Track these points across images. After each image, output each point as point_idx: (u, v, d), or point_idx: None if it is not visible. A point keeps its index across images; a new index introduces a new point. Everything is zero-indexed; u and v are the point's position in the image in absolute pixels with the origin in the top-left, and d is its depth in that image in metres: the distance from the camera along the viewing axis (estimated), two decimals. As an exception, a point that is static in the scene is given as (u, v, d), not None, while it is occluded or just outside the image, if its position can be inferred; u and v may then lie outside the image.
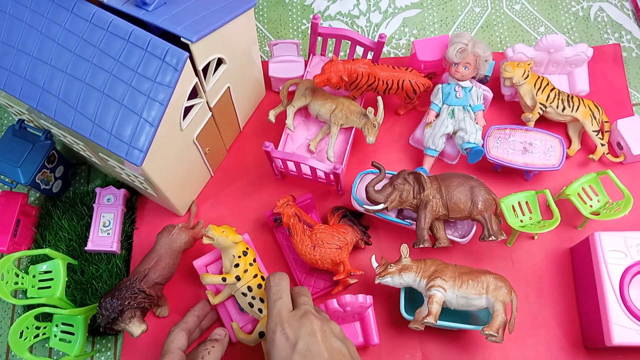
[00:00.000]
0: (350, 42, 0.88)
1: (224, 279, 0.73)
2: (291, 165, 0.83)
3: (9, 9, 0.67)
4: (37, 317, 0.76)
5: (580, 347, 0.78)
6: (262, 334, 0.72)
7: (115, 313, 0.70)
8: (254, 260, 0.76)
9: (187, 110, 0.71)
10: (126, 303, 0.71)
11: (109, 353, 0.81)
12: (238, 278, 0.73)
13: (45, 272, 0.81)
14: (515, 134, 0.84)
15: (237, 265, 0.73)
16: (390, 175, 0.79)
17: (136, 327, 0.71)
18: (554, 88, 0.85)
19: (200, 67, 0.68)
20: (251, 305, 0.74)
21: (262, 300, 0.74)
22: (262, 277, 0.76)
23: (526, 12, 1.02)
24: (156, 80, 0.62)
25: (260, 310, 0.74)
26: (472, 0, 1.03)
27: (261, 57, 0.93)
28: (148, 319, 0.81)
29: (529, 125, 0.86)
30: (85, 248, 0.83)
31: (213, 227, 0.73)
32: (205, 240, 0.73)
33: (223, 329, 0.68)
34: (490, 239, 0.74)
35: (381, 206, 0.76)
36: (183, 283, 0.83)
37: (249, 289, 0.73)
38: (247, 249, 0.76)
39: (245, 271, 0.74)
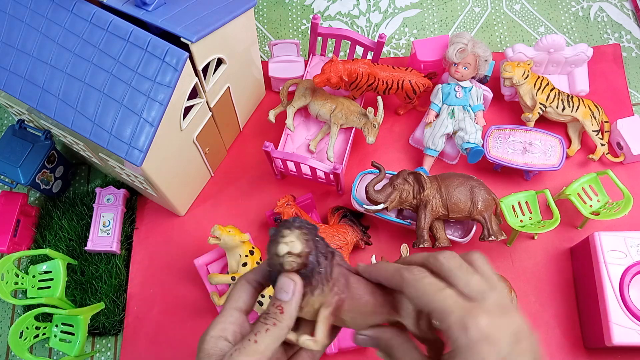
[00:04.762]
0: (350, 42, 0.88)
1: (233, 279, 0.73)
2: (291, 165, 0.83)
3: (9, 9, 0.67)
4: (37, 317, 0.76)
5: (580, 347, 0.78)
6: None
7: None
8: (260, 259, 0.76)
9: (187, 110, 0.71)
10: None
11: (109, 353, 0.81)
12: None
13: (45, 272, 0.81)
14: (515, 134, 0.84)
15: (245, 265, 0.74)
16: (390, 175, 0.79)
17: None
18: (553, 88, 0.85)
19: (200, 67, 0.68)
20: (260, 303, 0.74)
21: (271, 298, 0.74)
22: None
23: (526, 12, 1.02)
24: (156, 80, 0.62)
25: None
26: (472, 0, 1.03)
27: (261, 57, 0.93)
28: (149, 319, 0.81)
29: (529, 125, 0.86)
30: (85, 248, 0.83)
31: (219, 227, 0.73)
32: (212, 241, 0.72)
33: (292, 280, 0.40)
34: (490, 239, 0.74)
35: (381, 206, 0.76)
36: (183, 282, 0.83)
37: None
38: (253, 248, 0.76)
39: None
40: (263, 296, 0.74)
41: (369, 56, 0.88)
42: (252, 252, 0.75)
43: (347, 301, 0.42)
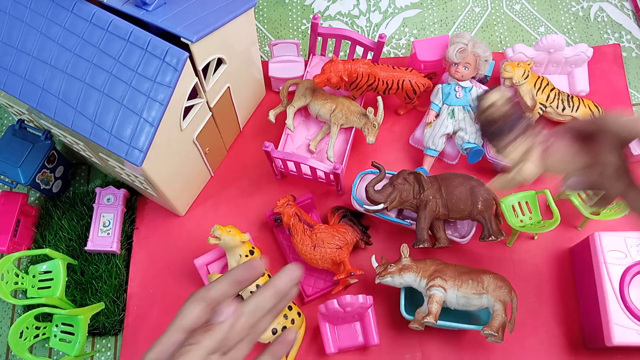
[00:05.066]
0: (350, 42, 0.88)
1: None
2: (291, 165, 0.83)
3: (9, 9, 0.67)
4: (37, 317, 0.76)
5: (580, 347, 0.78)
6: (274, 331, 0.72)
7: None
8: (260, 259, 0.76)
9: (187, 110, 0.71)
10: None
11: (109, 353, 0.81)
12: None
13: (45, 272, 0.81)
14: (515, 134, 0.84)
15: None
16: (390, 175, 0.79)
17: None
18: (554, 88, 0.85)
19: (200, 67, 0.68)
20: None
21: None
22: (269, 276, 0.76)
23: (526, 12, 1.02)
24: (156, 80, 0.62)
25: None
26: (472, 0, 1.03)
27: (261, 57, 0.93)
28: (149, 319, 0.81)
29: (529, 125, 0.86)
30: (85, 248, 0.83)
31: (219, 227, 0.73)
32: (212, 241, 0.72)
33: (231, 306, 0.40)
34: (490, 239, 0.74)
35: (381, 206, 0.76)
36: (183, 282, 0.83)
37: (258, 287, 0.74)
38: (253, 248, 0.76)
39: None
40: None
41: (369, 56, 0.88)
42: (252, 252, 0.75)
43: (551, 147, 0.53)
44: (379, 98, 0.80)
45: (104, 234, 0.83)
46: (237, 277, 0.43)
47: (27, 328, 0.75)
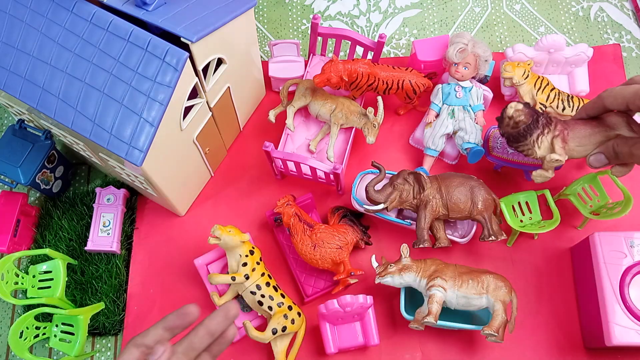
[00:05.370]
0: (350, 42, 0.88)
1: (233, 278, 0.73)
2: (291, 165, 0.83)
3: (9, 9, 0.67)
4: (37, 317, 0.76)
5: (580, 347, 0.78)
6: (274, 331, 0.72)
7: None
8: (260, 259, 0.76)
9: (187, 110, 0.71)
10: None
11: (109, 353, 0.81)
12: (247, 277, 0.73)
13: (45, 272, 0.81)
14: (515, 134, 0.84)
15: (245, 264, 0.74)
16: (390, 175, 0.79)
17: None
18: (554, 88, 0.85)
19: (200, 67, 0.68)
20: (260, 303, 0.74)
21: (271, 297, 0.74)
22: (269, 276, 0.76)
23: (526, 12, 1.02)
24: (156, 80, 0.62)
25: (270, 308, 0.74)
26: (472, 0, 1.03)
27: (261, 57, 0.93)
28: (149, 319, 0.81)
29: (529, 125, 0.85)
30: (85, 248, 0.83)
31: (219, 227, 0.73)
32: (212, 241, 0.72)
33: (164, 346, 0.46)
34: (490, 239, 0.74)
35: (381, 206, 0.76)
36: (183, 282, 0.83)
37: (258, 287, 0.74)
38: (254, 248, 0.76)
39: (253, 270, 0.74)
40: (263, 296, 0.74)
41: (369, 56, 0.88)
42: (252, 252, 0.75)
43: (569, 132, 0.65)
44: (379, 98, 0.80)
45: (104, 234, 0.83)
46: (170, 324, 0.48)
47: (27, 328, 0.75)
